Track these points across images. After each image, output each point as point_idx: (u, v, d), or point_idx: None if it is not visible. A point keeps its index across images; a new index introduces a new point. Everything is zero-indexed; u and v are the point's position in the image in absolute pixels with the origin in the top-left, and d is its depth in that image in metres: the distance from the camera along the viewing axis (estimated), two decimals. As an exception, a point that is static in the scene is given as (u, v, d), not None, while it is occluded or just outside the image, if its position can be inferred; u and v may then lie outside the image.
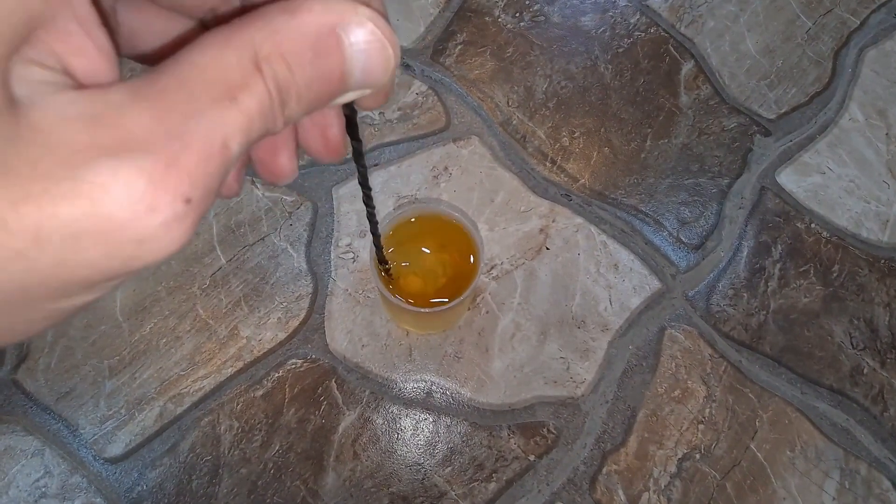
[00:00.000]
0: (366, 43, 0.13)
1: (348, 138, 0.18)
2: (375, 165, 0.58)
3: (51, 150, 0.10)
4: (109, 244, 0.10)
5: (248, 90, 0.12)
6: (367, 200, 0.26)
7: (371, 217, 0.29)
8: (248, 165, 0.18)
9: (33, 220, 0.09)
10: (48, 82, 0.11)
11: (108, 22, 0.14)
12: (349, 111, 0.17)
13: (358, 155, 0.21)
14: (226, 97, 0.11)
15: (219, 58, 0.11)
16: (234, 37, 0.12)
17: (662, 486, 0.49)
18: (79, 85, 0.11)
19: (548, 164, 0.60)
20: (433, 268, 0.46)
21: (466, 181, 0.58)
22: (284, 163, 0.17)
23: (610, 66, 0.64)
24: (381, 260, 0.38)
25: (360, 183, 0.24)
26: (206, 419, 0.49)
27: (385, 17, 0.14)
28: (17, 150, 0.09)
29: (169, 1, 0.16)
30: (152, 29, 0.16)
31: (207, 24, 0.17)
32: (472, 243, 0.45)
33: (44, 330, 0.12)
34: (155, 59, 0.15)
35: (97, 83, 0.11)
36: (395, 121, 0.60)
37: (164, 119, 0.11)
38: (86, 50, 0.11)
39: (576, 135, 0.61)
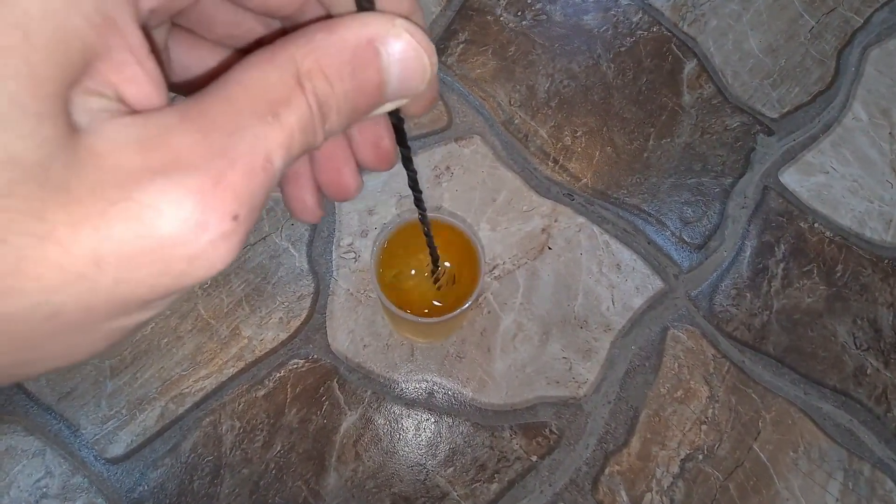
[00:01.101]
0: (402, 53, 0.13)
1: (398, 147, 0.19)
2: (377, 165, 0.58)
3: (107, 173, 0.10)
4: (162, 262, 0.11)
5: (289, 106, 0.12)
6: (419, 203, 0.27)
7: (423, 219, 0.29)
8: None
9: (92, 242, 0.10)
10: (104, 109, 0.11)
11: (157, 52, 0.15)
12: (396, 119, 0.18)
13: (407, 161, 0.22)
14: (268, 113, 0.12)
15: (261, 76, 0.12)
16: (276, 55, 0.12)
17: (665, 487, 0.49)
18: (131, 111, 0.12)
19: (550, 163, 0.59)
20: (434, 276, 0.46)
21: (468, 181, 0.58)
22: (349, 179, 0.18)
23: (612, 65, 0.64)
24: (435, 262, 0.38)
25: (410, 187, 0.24)
26: (208, 419, 0.49)
27: (423, 28, 0.14)
28: (77, 176, 0.10)
29: (217, 33, 0.17)
30: (200, 62, 0.17)
31: (246, 51, 0.18)
32: (474, 251, 0.45)
33: (104, 351, 0.13)
34: (197, 87, 0.16)
35: (147, 108, 0.12)
36: (396, 120, 0.60)
37: (210, 137, 0.11)
38: (138, 78, 0.12)
39: (578, 134, 0.61)
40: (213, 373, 0.51)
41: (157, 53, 0.14)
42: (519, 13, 0.65)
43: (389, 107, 0.15)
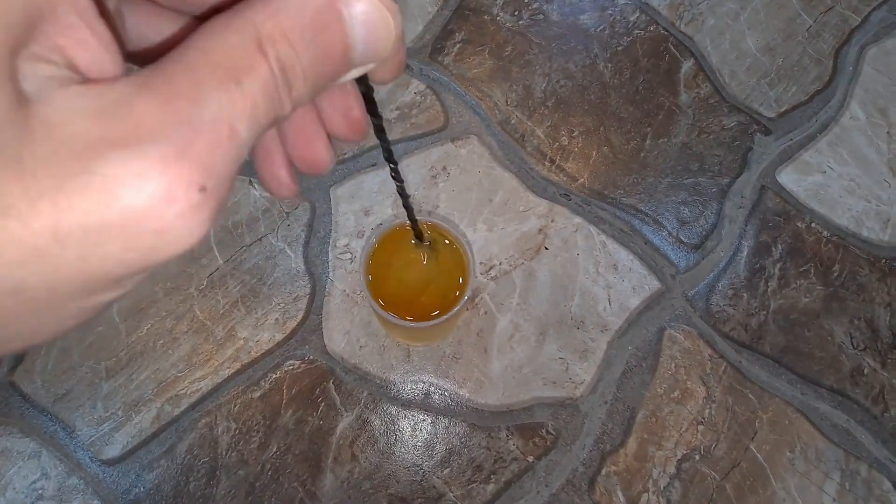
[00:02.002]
0: (364, 14, 0.13)
1: (369, 117, 0.19)
2: (373, 165, 0.58)
3: (63, 145, 0.10)
4: (129, 237, 0.10)
5: (251, 72, 0.12)
6: (396, 175, 0.26)
7: (402, 191, 0.29)
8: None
9: (52, 216, 0.09)
10: (55, 77, 0.11)
11: (108, 16, 0.14)
12: (365, 88, 0.17)
13: (380, 131, 0.21)
14: (231, 80, 0.11)
15: (222, 42, 0.11)
16: (236, 20, 0.12)
17: (662, 487, 0.49)
18: (84, 79, 0.11)
19: (547, 163, 0.59)
20: (423, 280, 0.46)
21: (465, 181, 0.58)
22: (321, 151, 0.18)
23: (609, 65, 0.64)
24: (418, 235, 0.37)
25: (385, 159, 0.24)
26: (204, 421, 0.49)
27: None
28: (30, 147, 0.09)
29: (173, 1, 0.16)
30: (154, 29, 0.16)
31: (203, 18, 0.17)
32: (463, 254, 0.45)
33: (71, 329, 0.12)
34: (153, 57, 0.15)
35: (102, 77, 0.12)
36: (393, 120, 0.60)
37: (172, 107, 0.11)
38: (88, 43, 0.11)
39: (575, 134, 0.61)
40: (208, 374, 0.51)
41: (109, 18, 0.13)
42: (516, 13, 0.65)
43: (356, 73, 0.14)
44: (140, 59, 0.17)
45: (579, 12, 0.66)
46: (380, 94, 0.61)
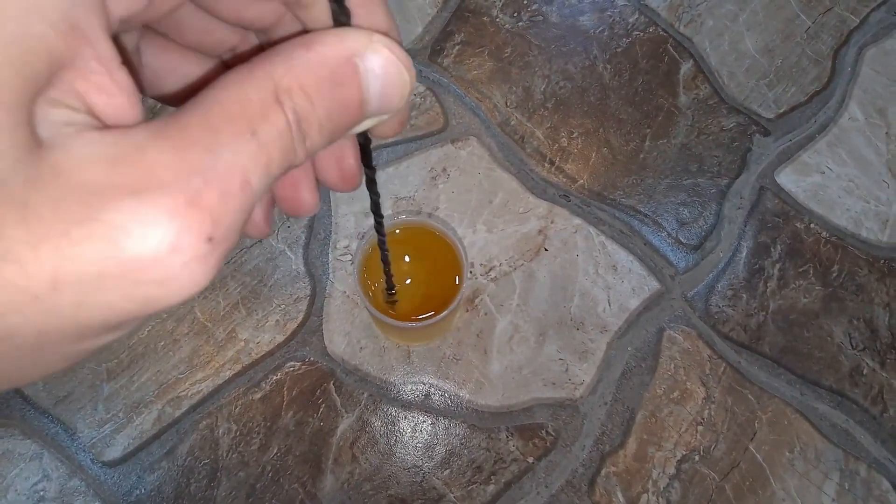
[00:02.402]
0: (381, 68, 0.13)
1: (363, 167, 0.19)
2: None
3: (72, 191, 0.10)
4: (129, 286, 0.10)
5: (267, 123, 0.12)
6: (379, 228, 0.26)
7: (382, 245, 0.29)
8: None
9: (52, 262, 0.09)
10: (72, 123, 0.11)
11: (129, 62, 0.14)
12: (363, 139, 0.17)
13: (371, 182, 0.21)
14: (246, 131, 0.11)
15: (239, 93, 0.12)
16: (254, 72, 0.12)
17: (661, 488, 0.49)
18: (102, 126, 0.11)
19: (546, 164, 0.59)
20: (417, 280, 0.46)
21: (464, 182, 0.58)
22: (306, 196, 0.17)
23: (608, 66, 0.64)
24: (390, 286, 0.37)
25: (372, 210, 0.24)
26: (205, 422, 0.49)
27: (400, 43, 0.14)
28: (38, 192, 0.09)
29: (190, 41, 0.16)
30: (176, 69, 0.16)
31: (229, 64, 0.17)
32: (457, 256, 0.45)
33: (64, 368, 0.12)
34: (181, 99, 0.15)
35: (121, 124, 0.12)
36: (392, 122, 0.60)
37: (185, 155, 0.11)
38: (107, 88, 0.11)
39: (574, 135, 0.61)
40: (209, 376, 0.51)
41: (129, 62, 0.13)
42: (515, 14, 0.65)
43: (368, 124, 0.14)
44: (174, 100, 0.17)
45: (579, 14, 0.66)
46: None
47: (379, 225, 0.26)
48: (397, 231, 0.46)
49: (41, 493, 0.47)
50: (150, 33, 0.16)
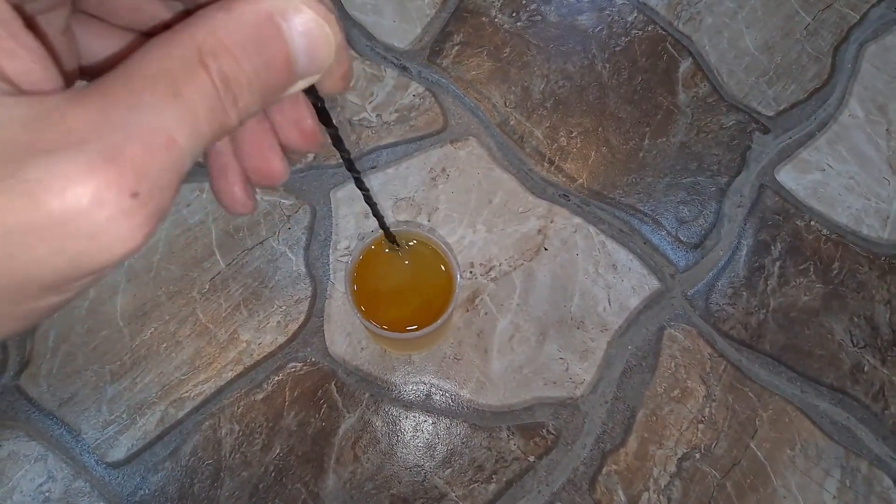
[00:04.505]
0: (303, 25, 0.13)
1: (323, 127, 0.19)
2: (373, 168, 0.58)
3: None
4: (56, 239, 0.10)
5: (192, 84, 0.12)
6: (360, 184, 0.26)
7: (368, 199, 0.29)
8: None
9: None
10: None
11: (37, 29, 0.14)
12: (314, 98, 0.18)
13: (336, 140, 0.21)
14: (169, 91, 0.11)
15: (161, 57, 0.12)
16: (176, 37, 0.12)
17: (662, 486, 0.49)
18: (18, 91, 0.11)
19: (545, 164, 0.59)
20: (409, 290, 0.46)
21: (464, 182, 0.58)
22: (275, 163, 0.18)
23: (607, 65, 0.64)
24: (390, 239, 0.37)
25: (347, 168, 0.24)
26: (207, 423, 0.50)
27: (325, 1, 0.14)
28: None
29: (121, 20, 0.16)
30: (106, 45, 0.17)
31: (154, 34, 0.17)
32: (446, 261, 0.45)
33: (14, 331, 0.12)
34: (101, 72, 0.16)
35: (40, 90, 0.12)
36: (392, 123, 0.60)
37: (105, 115, 0.11)
38: (15, 53, 0.11)
39: (573, 134, 0.61)
40: (211, 377, 0.51)
41: (40, 32, 0.14)
42: (514, 14, 0.66)
43: (303, 84, 0.15)
44: (91, 74, 0.17)
45: (577, 13, 0.66)
46: (377, 97, 0.61)
47: (359, 181, 0.26)
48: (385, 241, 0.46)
49: (46, 493, 0.47)
50: (81, 15, 0.16)
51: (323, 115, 0.19)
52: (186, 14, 0.17)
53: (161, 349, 0.52)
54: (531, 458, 0.50)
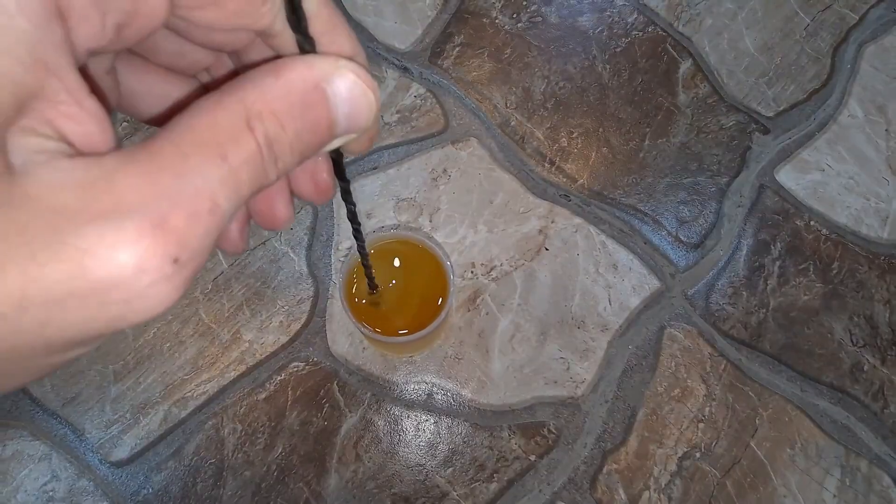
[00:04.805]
0: (348, 91, 0.14)
1: (336, 180, 0.19)
2: (374, 169, 0.58)
3: (41, 216, 0.10)
4: (95, 306, 0.11)
5: (238, 147, 0.12)
6: (357, 235, 0.27)
7: (361, 250, 0.30)
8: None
9: (17, 284, 0.10)
10: (44, 150, 0.11)
11: (99, 89, 0.15)
12: (336, 155, 0.18)
13: (346, 194, 0.22)
14: (216, 155, 0.12)
15: (210, 119, 0.12)
16: (225, 99, 0.12)
17: (663, 485, 0.50)
18: (75, 152, 0.12)
19: (546, 164, 0.60)
20: (404, 293, 0.46)
21: (465, 183, 0.58)
22: (281, 211, 0.18)
23: (608, 66, 0.64)
24: (372, 286, 0.38)
25: (349, 219, 0.25)
26: (210, 422, 0.50)
27: (366, 67, 0.14)
28: (8, 217, 0.10)
29: (164, 62, 0.17)
30: (153, 89, 0.17)
31: (208, 87, 0.18)
32: (441, 265, 0.45)
33: (38, 378, 0.13)
34: (164, 120, 0.16)
35: (94, 150, 0.12)
36: (393, 123, 0.60)
37: (154, 180, 0.11)
38: (77, 117, 0.12)
39: (574, 135, 0.61)
40: (214, 376, 0.51)
41: (99, 90, 0.14)
42: (514, 15, 0.66)
43: (337, 143, 0.15)
44: (156, 121, 0.17)
45: (578, 14, 0.66)
46: (379, 98, 0.61)
47: (357, 232, 0.27)
48: (382, 245, 0.46)
49: (50, 493, 0.47)
50: (126, 54, 0.16)
51: (339, 170, 0.19)
52: (234, 73, 0.17)
53: (164, 349, 0.52)
54: (532, 458, 0.50)
